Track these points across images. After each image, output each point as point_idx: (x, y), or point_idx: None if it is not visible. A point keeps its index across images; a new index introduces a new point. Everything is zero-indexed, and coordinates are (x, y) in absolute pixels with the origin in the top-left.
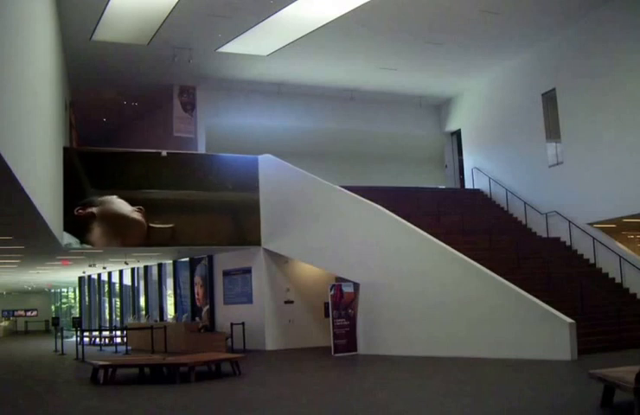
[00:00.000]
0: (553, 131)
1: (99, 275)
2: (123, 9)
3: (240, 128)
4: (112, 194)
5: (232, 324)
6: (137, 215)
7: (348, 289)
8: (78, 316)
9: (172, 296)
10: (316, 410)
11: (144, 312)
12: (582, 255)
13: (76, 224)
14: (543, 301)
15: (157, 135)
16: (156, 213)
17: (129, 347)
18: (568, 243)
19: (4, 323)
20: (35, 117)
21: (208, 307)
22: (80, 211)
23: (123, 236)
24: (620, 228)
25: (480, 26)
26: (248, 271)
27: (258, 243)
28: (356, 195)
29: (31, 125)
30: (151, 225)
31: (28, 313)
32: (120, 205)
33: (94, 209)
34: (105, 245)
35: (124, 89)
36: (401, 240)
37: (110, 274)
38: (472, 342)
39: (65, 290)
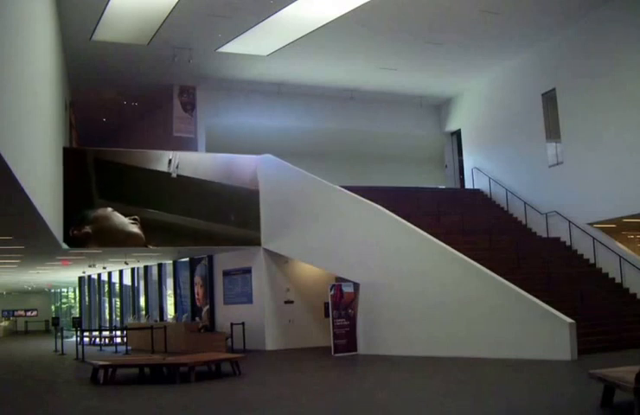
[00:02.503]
0: (553, 131)
1: (99, 275)
2: (123, 9)
3: (240, 128)
4: (114, 207)
5: (232, 324)
6: (134, 228)
7: (348, 289)
8: (78, 316)
9: (172, 296)
10: (316, 410)
11: (143, 312)
12: (582, 255)
13: (75, 240)
14: (543, 301)
15: (157, 135)
16: (154, 233)
17: (129, 347)
18: (568, 243)
19: (4, 323)
20: (35, 117)
21: (207, 307)
22: (75, 232)
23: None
24: (620, 228)
25: (480, 26)
26: (248, 271)
27: (258, 243)
28: (356, 195)
29: (31, 125)
30: (150, 247)
31: (28, 313)
32: (115, 218)
33: (89, 228)
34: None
35: (124, 89)
36: (401, 240)
37: (110, 274)
38: (472, 342)
39: (65, 290)
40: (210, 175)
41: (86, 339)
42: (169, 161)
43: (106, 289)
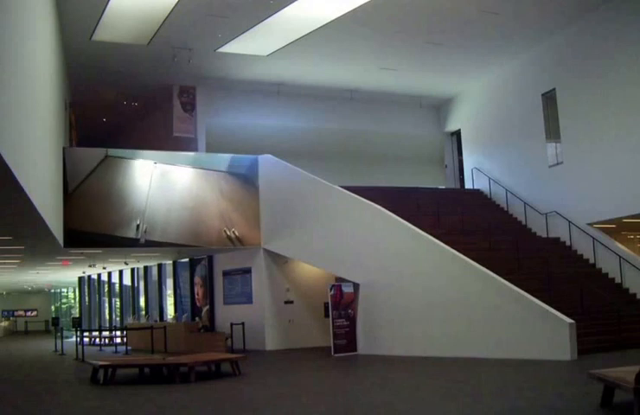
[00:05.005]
0: (553, 131)
1: (99, 275)
2: (123, 9)
3: (240, 128)
4: None
5: (232, 324)
6: None
7: (347, 289)
8: (78, 316)
9: (172, 296)
10: (316, 410)
11: (143, 312)
12: (582, 255)
13: None
14: (543, 301)
15: (157, 135)
16: None
17: (129, 348)
18: (568, 243)
19: (4, 323)
20: (35, 117)
21: (207, 307)
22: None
23: None
24: (620, 228)
25: (480, 26)
26: (248, 271)
27: (258, 243)
28: (356, 195)
29: (31, 125)
30: None
31: (28, 313)
32: None
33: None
34: None
35: (124, 89)
36: (401, 241)
37: (110, 274)
38: (472, 342)
39: (65, 290)
40: (178, 239)
41: (86, 339)
42: (137, 226)
43: (106, 289)
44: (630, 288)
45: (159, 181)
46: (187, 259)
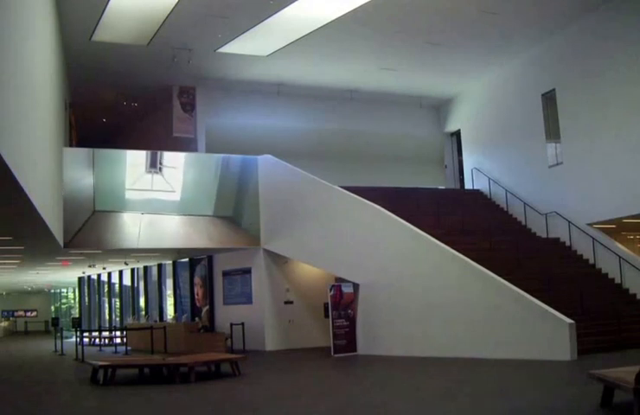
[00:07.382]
0: (552, 131)
1: (99, 275)
2: (123, 10)
3: (239, 128)
4: None
5: (231, 324)
6: None
7: (347, 289)
8: (77, 316)
9: (172, 296)
10: (316, 410)
11: (143, 312)
12: (582, 255)
13: None
14: (543, 301)
15: (157, 135)
16: None
17: (128, 348)
18: (568, 243)
19: (4, 324)
20: (35, 117)
21: (207, 307)
22: None
23: None
24: (620, 228)
25: (480, 26)
26: (248, 271)
27: (258, 243)
28: (356, 195)
29: (31, 125)
30: None
31: (28, 313)
32: None
33: None
34: None
35: (124, 89)
36: (401, 241)
37: (109, 274)
38: (472, 342)
39: (65, 290)
40: None
41: (86, 339)
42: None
43: (106, 289)
44: (630, 288)
45: (147, 231)
46: (187, 259)
